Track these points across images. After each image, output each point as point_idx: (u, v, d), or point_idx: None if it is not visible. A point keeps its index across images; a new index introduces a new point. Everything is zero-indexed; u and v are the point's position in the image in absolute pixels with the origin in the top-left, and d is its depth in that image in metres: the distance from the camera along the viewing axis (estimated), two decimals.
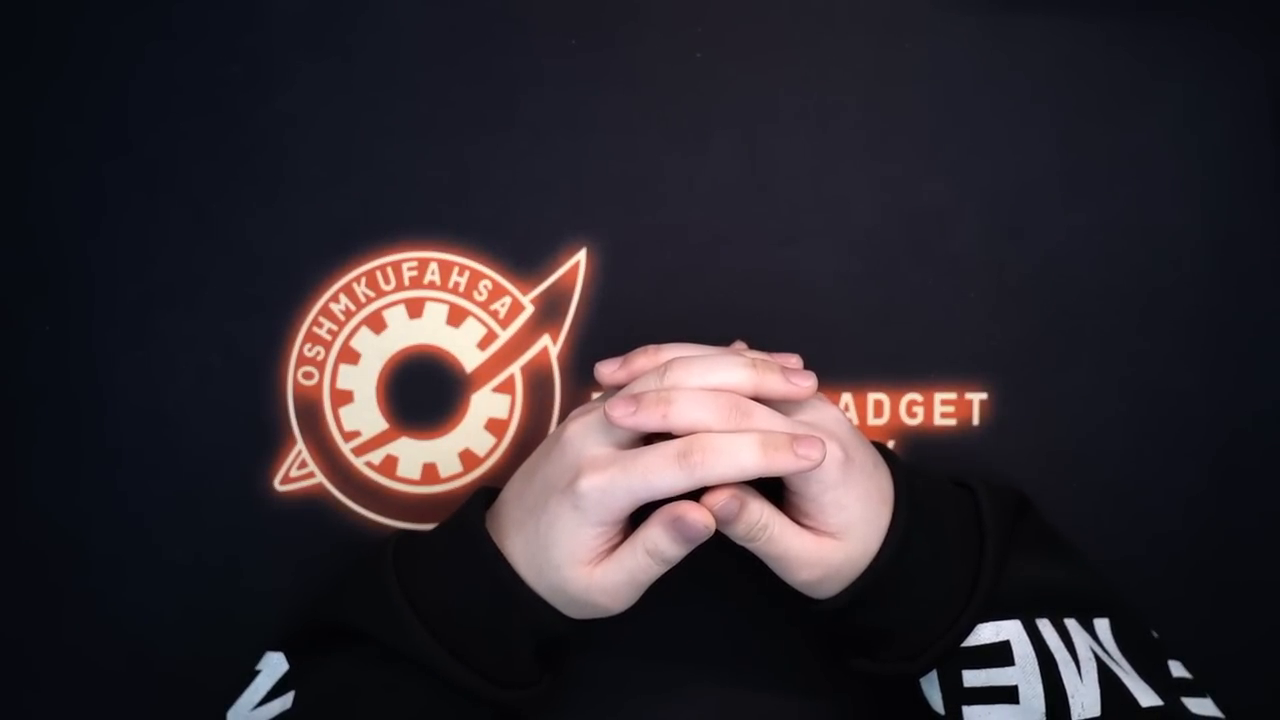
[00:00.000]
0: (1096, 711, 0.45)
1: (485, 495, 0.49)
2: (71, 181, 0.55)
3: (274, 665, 0.48)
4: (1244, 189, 0.56)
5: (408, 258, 0.55)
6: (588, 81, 0.55)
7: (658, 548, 0.45)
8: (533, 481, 0.47)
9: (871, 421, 0.56)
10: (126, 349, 0.55)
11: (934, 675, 0.47)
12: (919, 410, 0.56)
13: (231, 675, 0.49)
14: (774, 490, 0.46)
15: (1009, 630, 0.46)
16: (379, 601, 0.46)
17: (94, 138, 0.55)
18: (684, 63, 0.56)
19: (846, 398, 0.56)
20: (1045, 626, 0.47)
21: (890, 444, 0.56)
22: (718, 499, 0.44)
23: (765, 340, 0.55)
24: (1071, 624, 0.47)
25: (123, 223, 0.55)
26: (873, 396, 0.56)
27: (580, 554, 0.45)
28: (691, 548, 0.45)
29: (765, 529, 0.45)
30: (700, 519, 0.44)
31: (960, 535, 0.48)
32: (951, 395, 0.56)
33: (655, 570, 0.46)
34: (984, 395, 0.56)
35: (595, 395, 0.55)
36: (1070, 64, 0.56)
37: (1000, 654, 0.46)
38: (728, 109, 0.55)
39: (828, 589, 0.47)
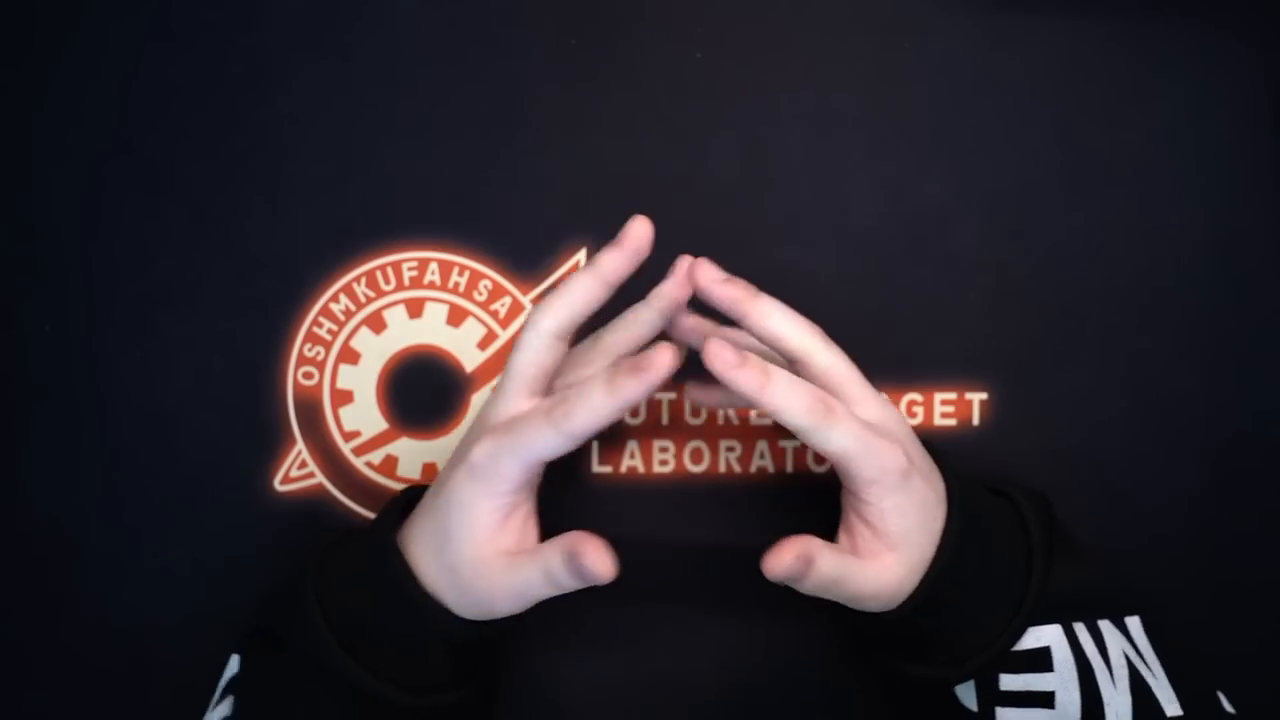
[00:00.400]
0: (1129, 718, 0.45)
1: (410, 494, 0.48)
2: (71, 181, 0.55)
3: (230, 668, 0.48)
4: (1244, 189, 0.56)
5: (408, 258, 0.55)
6: (588, 81, 0.55)
7: (552, 572, 0.43)
8: (451, 457, 0.46)
9: None
10: (126, 349, 0.55)
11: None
12: (919, 410, 0.56)
13: None
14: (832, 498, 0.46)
15: (1049, 636, 0.46)
16: (295, 606, 0.46)
17: (94, 137, 0.55)
18: (684, 63, 0.56)
19: None
20: (1081, 631, 0.46)
21: None
22: (782, 561, 0.43)
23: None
24: (1105, 625, 0.47)
25: (122, 223, 0.55)
26: None
27: (477, 529, 0.43)
28: (589, 585, 0.43)
29: (836, 582, 0.44)
30: (599, 566, 0.42)
31: (1007, 541, 0.47)
32: (951, 395, 0.56)
33: (546, 592, 0.43)
34: (984, 395, 0.56)
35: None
36: (1070, 64, 0.56)
37: (1040, 660, 0.46)
38: (728, 109, 0.55)
39: (894, 602, 0.46)
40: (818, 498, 0.55)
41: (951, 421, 0.56)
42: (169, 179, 0.55)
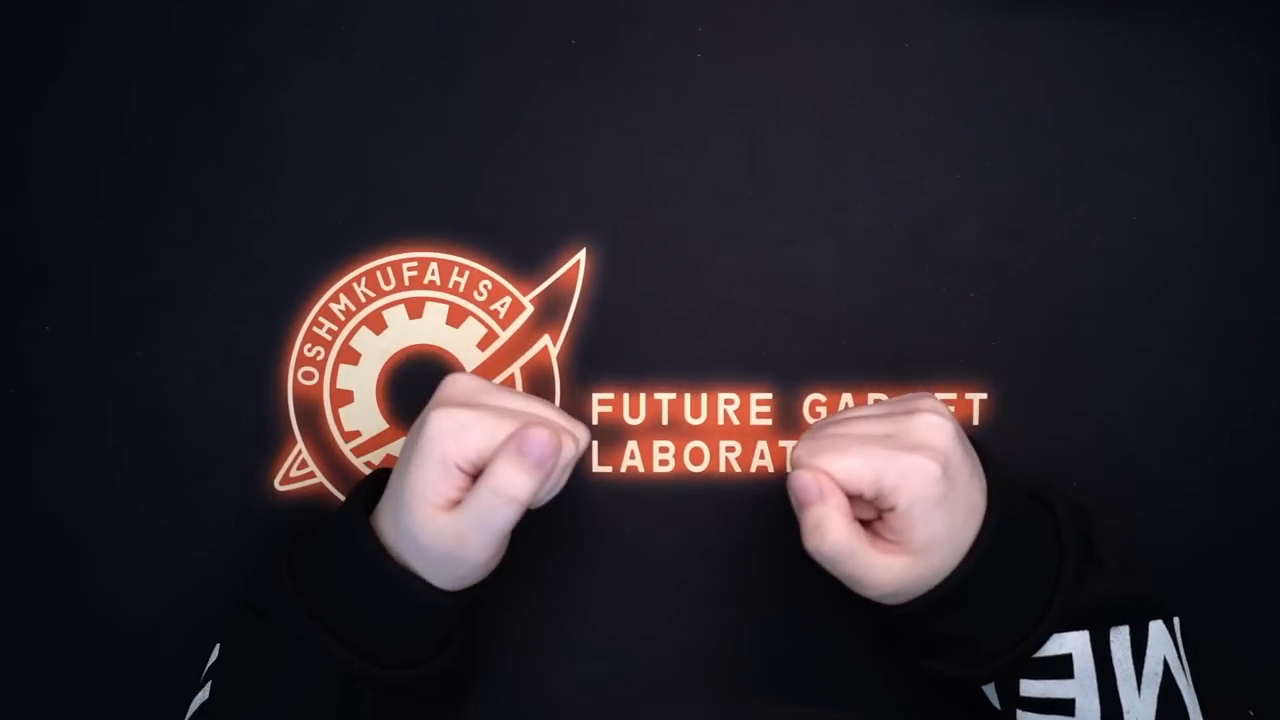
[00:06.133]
0: None
1: (380, 475, 0.49)
2: (71, 181, 0.55)
3: (212, 656, 0.49)
4: (1244, 189, 0.56)
5: (408, 258, 0.55)
6: (588, 81, 0.55)
7: (501, 481, 0.43)
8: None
9: None
10: (126, 349, 0.55)
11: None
12: None
13: None
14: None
15: (1073, 643, 0.46)
16: (271, 580, 0.47)
17: (94, 138, 0.55)
18: (684, 63, 0.55)
19: (847, 398, 0.56)
20: (1119, 635, 0.46)
21: None
22: (802, 477, 0.44)
23: (765, 340, 0.55)
24: (1155, 628, 0.47)
25: (123, 223, 0.55)
26: (873, 397, 0.56)
27: (426, 493, 0.44)
28: (541, 477, 0.44)
29: (834, 543, 0.44)
30: (541, 438, 0.43)
31: (1040, 550, 0.47)
32: (951, 395, 0.55)
33: (504, 511, 0.43)
34: (984, 395, 0.56)
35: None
36: (1070, 64, 0.56)
37: (1061, 666, 0.46)
38: (728, 109, 0.55)
39: (900, 598, 0.46)
40: None
41: None
42: (169, 179, 0.55)
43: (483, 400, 0.46)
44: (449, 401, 0.46)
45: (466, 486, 0.45)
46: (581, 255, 0.55)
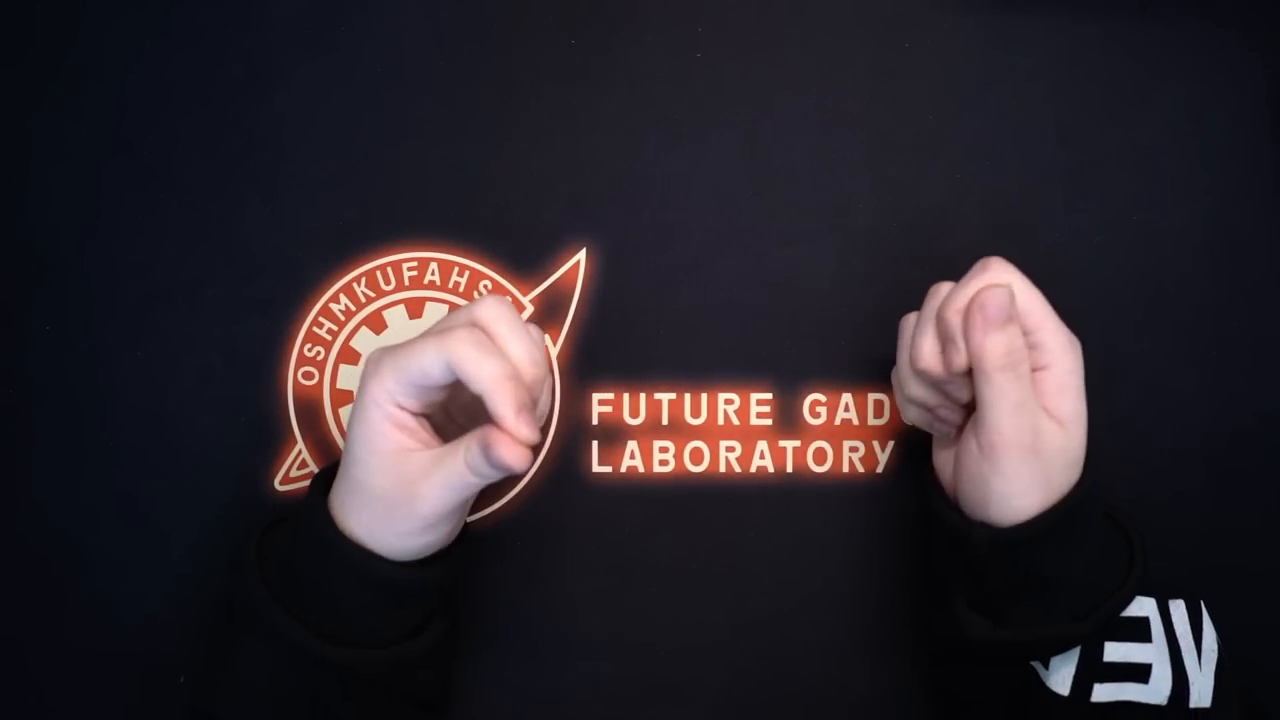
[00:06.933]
0: (1208, 702, 0.46)
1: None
2: (71, 181, 0.55)
3: None
4: (1244, 189, 0.56)
5: (408, 258, 0.55)
6: (588, 81, 0.55)
7: (474, 460, 0.43)
8: None
9: (872, 421, 0.56)
10: (126, 349, 0.55)
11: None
12: None
13: None
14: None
15: (1148, 606, 0.47)
16: (239, 567, 0.47)
17: (93, 137, 0.55)
18: (684, 63, 0.56)
19: (846, 398, 0.56)
20: (1178, 607, 0.47)
21: (890, 445, 0.56)
22: (1000, 294, 0.44)
23: (765, 340, 0.55)
24: (1204, 607, 0.48)
25: (122, 223, 0.55)
26: (873, 396, 0.56)
27: (373, 440, 0.44)
28: (499, 477, 0.43)
29: (1022, 360, 0.45)
30: (509, 456, 0.42)
31: (1105, 522, 0.49)
32: None
33: (470, 481, 0.43)
34: None
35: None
36: (1070, 64, 0.56)
37: (1140, 629, 0.46)
38: (728, 109, 0.55)
39: (1027, 494, 0.45)
40: (818, 498, 0.55)
41: None
42: (168, 179, 0.55)
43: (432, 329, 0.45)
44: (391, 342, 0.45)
45: (411, 437, 0.44)
46: (581, 255, 0.55)
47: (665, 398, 0.56)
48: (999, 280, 0.45)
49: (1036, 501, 0.45)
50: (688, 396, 0.55)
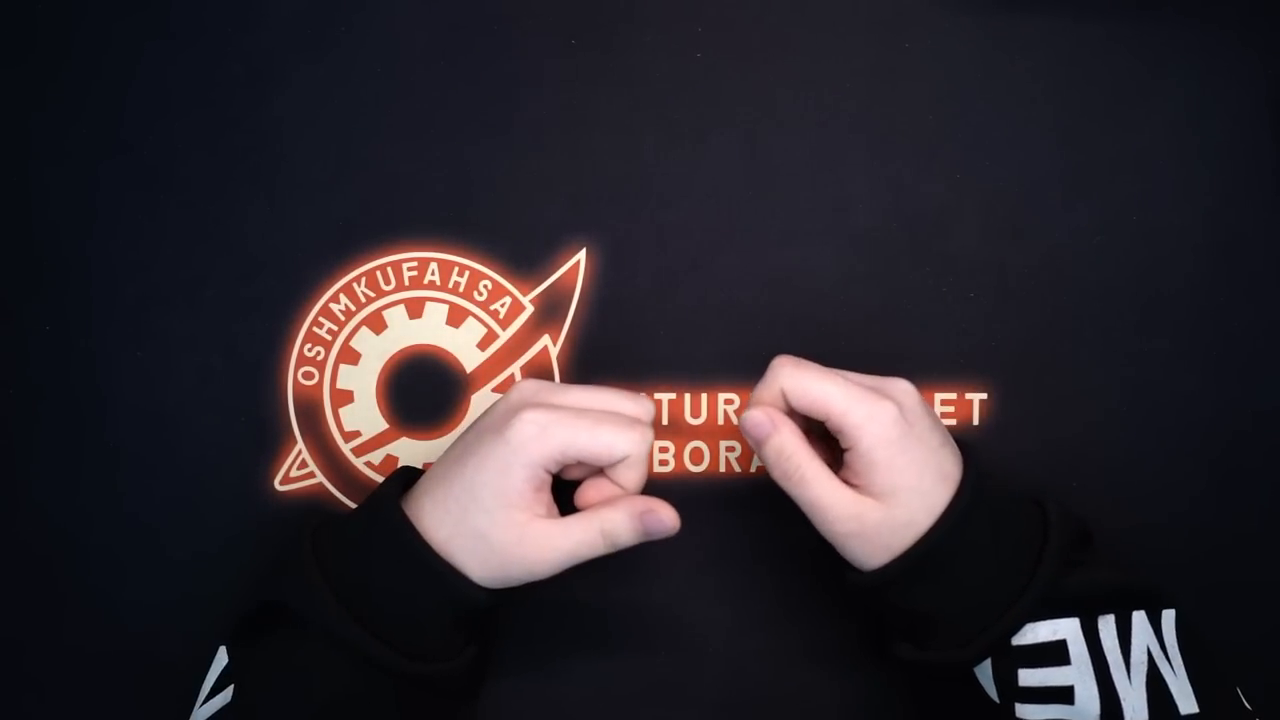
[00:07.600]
0: (1144, 716, 0.45)
1: (406, 473, 0.50)
2: (71, 181, 0.55)
3: (218, 661, 0.49)
4: (1244, 189, 0.56)
5: (408, 258, 0.55)
6: (588, 81, 0.55)
7: (614, 531, 0.46)
8: (466, 436, 0.48)
9: None
10: (126, 349, 0.55)
11: (989, 669, 0.47)
12: None
13: None
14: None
15: (1066, 629, 0.46)
16: (295, 575, 0.47)
17: (93, 137, 0.55)
18: (684, 63, 0.55)
19: None
20: (1106, 624, 0.47)
21: None
22: (752, 415, 0.47)
23: (765, 340, 0.55)
24: (1138, 618, 0.47)
25: (122, 223, 0.55)
26: None
27: (510, 495, 0.45)
28: (645, 540, 0.47)
29: (797, 467, 0.46)
30: (669, 520, 0.46)
31: (1023, 535, 0.48)
32: (951, 395, 0.56)
33: (600, 550, 0.47)
34: (984, 395, 0.56)
35: None
36: (1070, 64, 0.56)
37: (1057, 653, 0.46)
38: (728, 109, 0.55)
39: (873, 557, 0.46)
40: None
41: (952, 421, 0.56)
42: (168, 179, 0.55)
43: (553, 400, 0.47)
44: (524, 405, 0.47)
45: (544, 494, 0.47)
46: (581, 255, 0.55)
47: (665, 398, 0.55)
48: (772, 386, 0.47)
49: (883, 560, 0.46)
50: (688, 396, 0.55)
